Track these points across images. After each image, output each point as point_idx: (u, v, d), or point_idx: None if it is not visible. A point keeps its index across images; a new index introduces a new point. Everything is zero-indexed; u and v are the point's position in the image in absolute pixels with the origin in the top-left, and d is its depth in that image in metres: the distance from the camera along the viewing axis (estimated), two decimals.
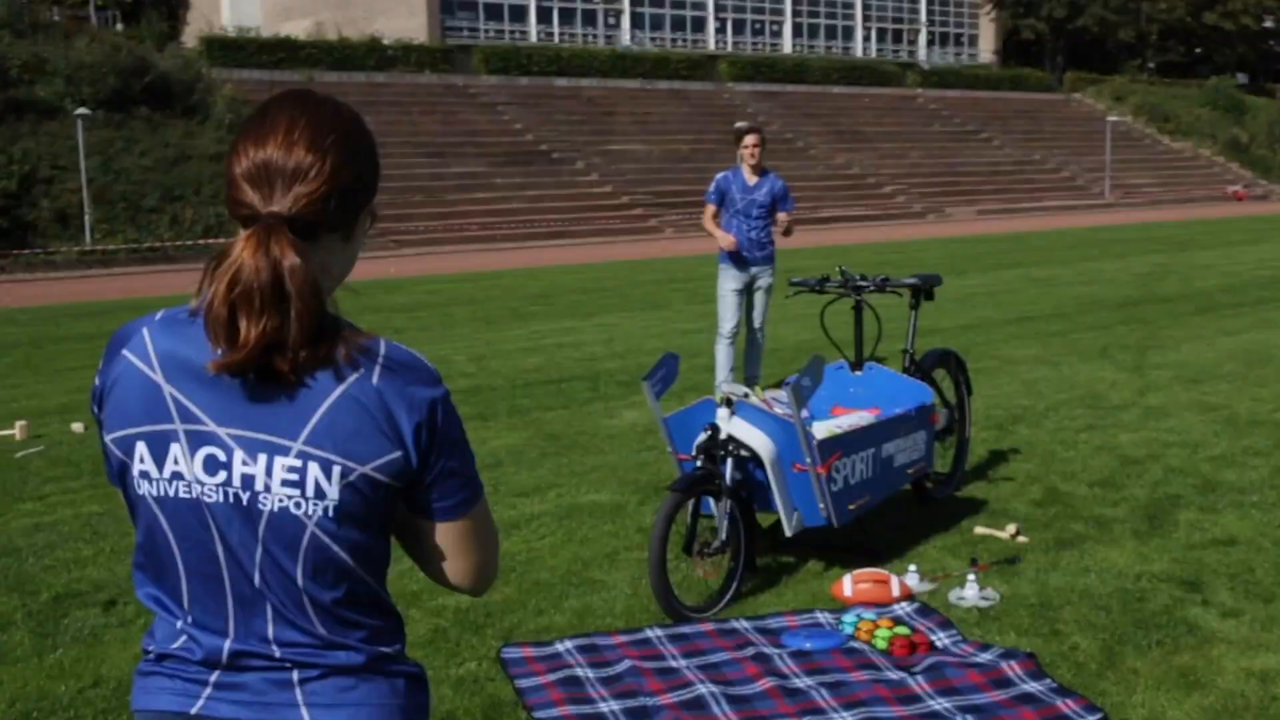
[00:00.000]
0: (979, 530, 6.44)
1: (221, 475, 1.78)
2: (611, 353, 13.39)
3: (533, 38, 53.90)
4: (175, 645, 1.84)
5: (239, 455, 1.78)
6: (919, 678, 4.55)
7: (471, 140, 43.13)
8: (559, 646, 4.97)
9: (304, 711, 1.80)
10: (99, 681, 4.77)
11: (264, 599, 1.80)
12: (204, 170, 34.84)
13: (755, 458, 5.55)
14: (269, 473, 1.77)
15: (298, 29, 48.32)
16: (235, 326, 1.70)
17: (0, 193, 30.99)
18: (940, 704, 4.35)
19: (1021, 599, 5.45)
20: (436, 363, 12.81)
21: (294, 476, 1.77)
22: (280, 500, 1.78)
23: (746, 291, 9.96)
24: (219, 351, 1.72)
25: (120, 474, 1.84)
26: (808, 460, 5.46)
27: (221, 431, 1.78)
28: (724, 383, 6.10)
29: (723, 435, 5.52)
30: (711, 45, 59.11)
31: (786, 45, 61.83)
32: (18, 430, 9.47)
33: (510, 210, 39.09)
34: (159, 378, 1.80)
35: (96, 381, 1.87)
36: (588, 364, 12.57)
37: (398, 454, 1.79)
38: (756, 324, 10.11)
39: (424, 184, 39.33)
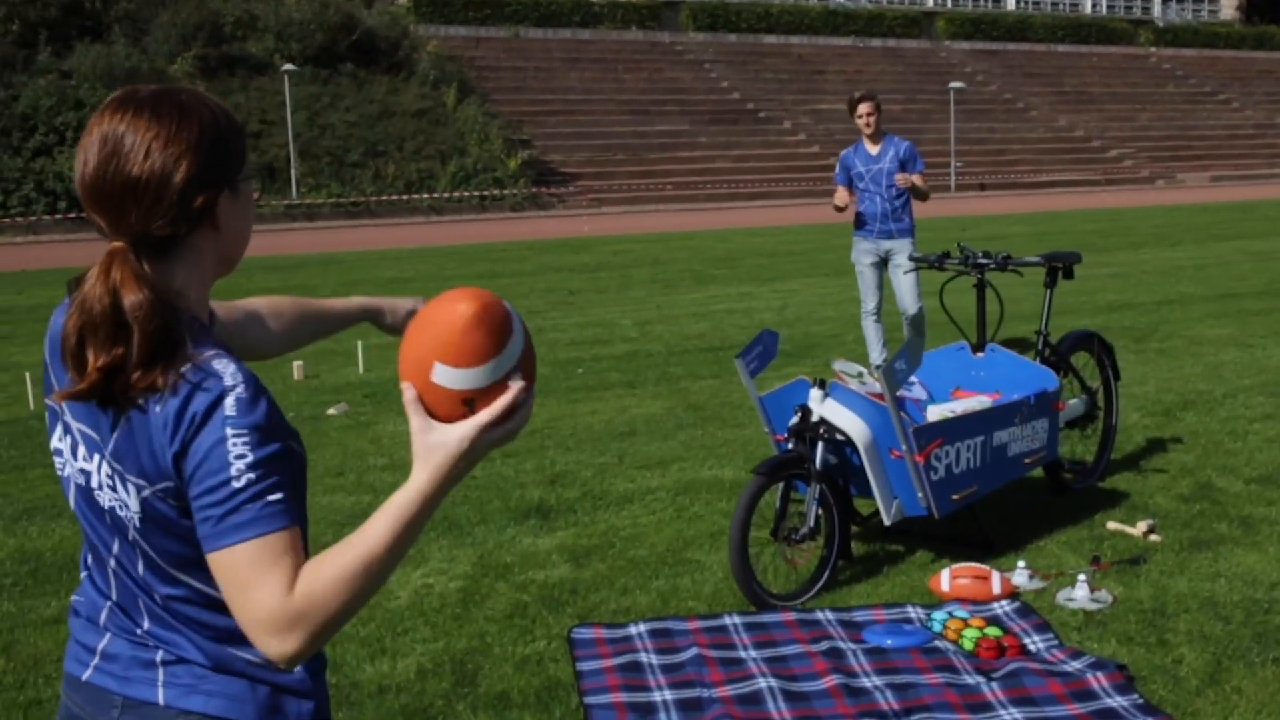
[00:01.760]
0: (1111, 526, 6.04)
1: (78, 464, 1.84)
2: (781, 320, 13.15)
3: None
4: (80, 600, 1.94)
5: (81, 449, 1.83)
6: (995, 684, 4.27)
7: (675, 98, 43.07)
8: (632, 629, 4.86)
9: (160, 691, 1.82)
10: None
11: (128, 579, 1.85)
12: (407, 126, 35.71)
13: (851, 442, 5.30)
14: (99, 470, 1.80)
15: None
16: (84, 355, 1.72)
17: None
18: (1010, 714, 4.07)
19: (1135, 603, 5.08)
20: (600, 327, 12.85)
21: (110, 481, 1.79)
22: (108, 500, 1.81)
23: (883, 266, 9.44)
24: (67, 377, 1.77)
25: None
26: (904, 447, 5.19)
27: (73, 424, 1.84)
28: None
29: (814, 418, 5.29)
30: (930, 1, 57.51)
31: (1010, 1, 59.69)
32: None
33: (713, 170, 38.93)
34: (50, 358, 1.89)
35: None
36: (753, 332, 12.37)
37: (173, 482, 1.73)
38: (910, 310, 9.23)
39: (626, 142, 39.48)
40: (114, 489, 1.78)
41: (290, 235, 28.78)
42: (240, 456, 1.69)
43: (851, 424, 5.25)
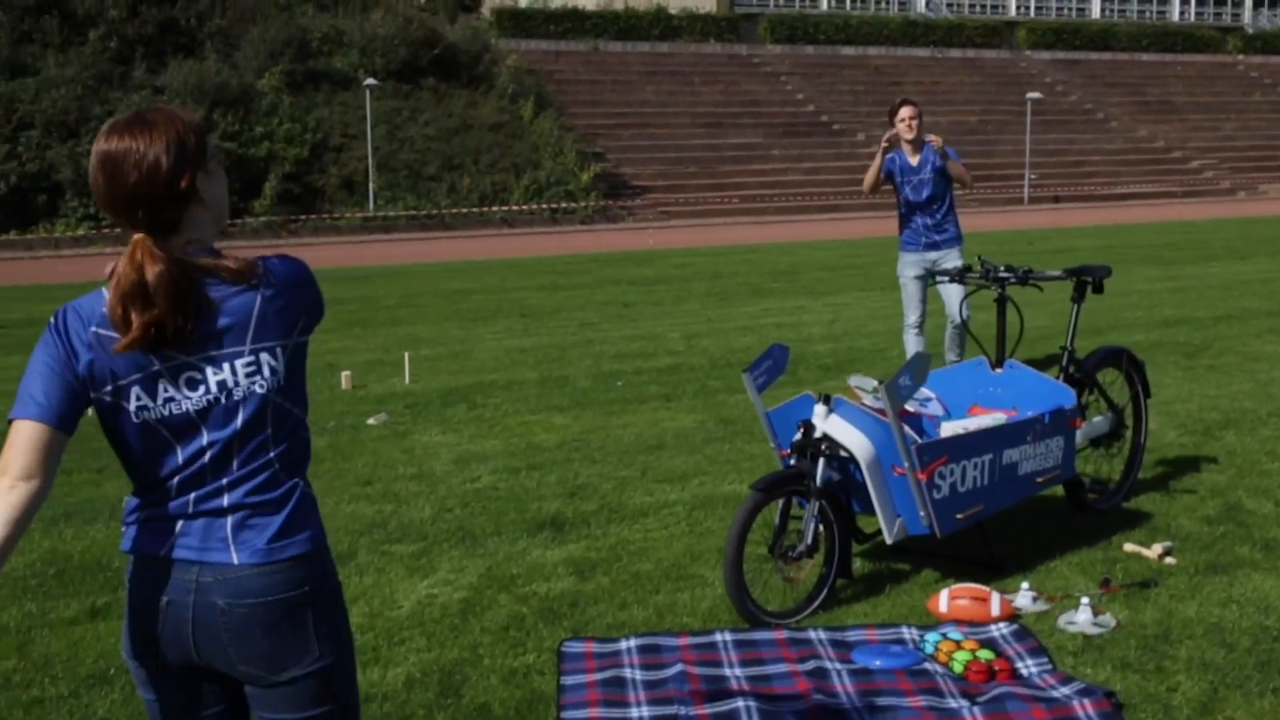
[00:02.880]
0: (1128, 547, 5.93)
1: (197, 392, 2.46)
2: (828, 334, 13.08)
3: (824, 5, 53.12)
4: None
5: (197, 376, 2.46)
6: (976, 709, 4.21)
7: (750, 111, 43.02)
8: (622, 644, 4.86)
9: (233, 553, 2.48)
10: None
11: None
12: (484, 140, 36.02)
13: (855, 458, 5.26)
14: (235, 373, 2.46)
15: (590, 0, 49.20)
16: (128, 319, 2.34)
17: (293, 160, 32.98)
18: None
19: (1138, 629, 4.98)
20: (649, 340, 12.88)
21: (252, 367, 2.46)
22: (244, 389, 2.49)
23: (928, 279, 9.26)
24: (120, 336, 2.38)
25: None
26: (906, 464, 5.14)
27: (180, 361, 2.45)
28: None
29: (817, 434, 5.26)
30: (1012, 11, 56.82)
31: (1094, 10, 58.77)
32: None
33: (785, 183, 38.82)
34: (98, 345, 2.46)
35: None
36: (799, 346, 12.30)
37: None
38: (958, 318, 8.75)
39: (699, 155, 39.51)
40: (258, 372, 2.43)
41: (366, 247, 29.14)
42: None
43: (855, 440, 5.21)
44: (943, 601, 5.13)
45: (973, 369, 6.25)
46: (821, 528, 5.26)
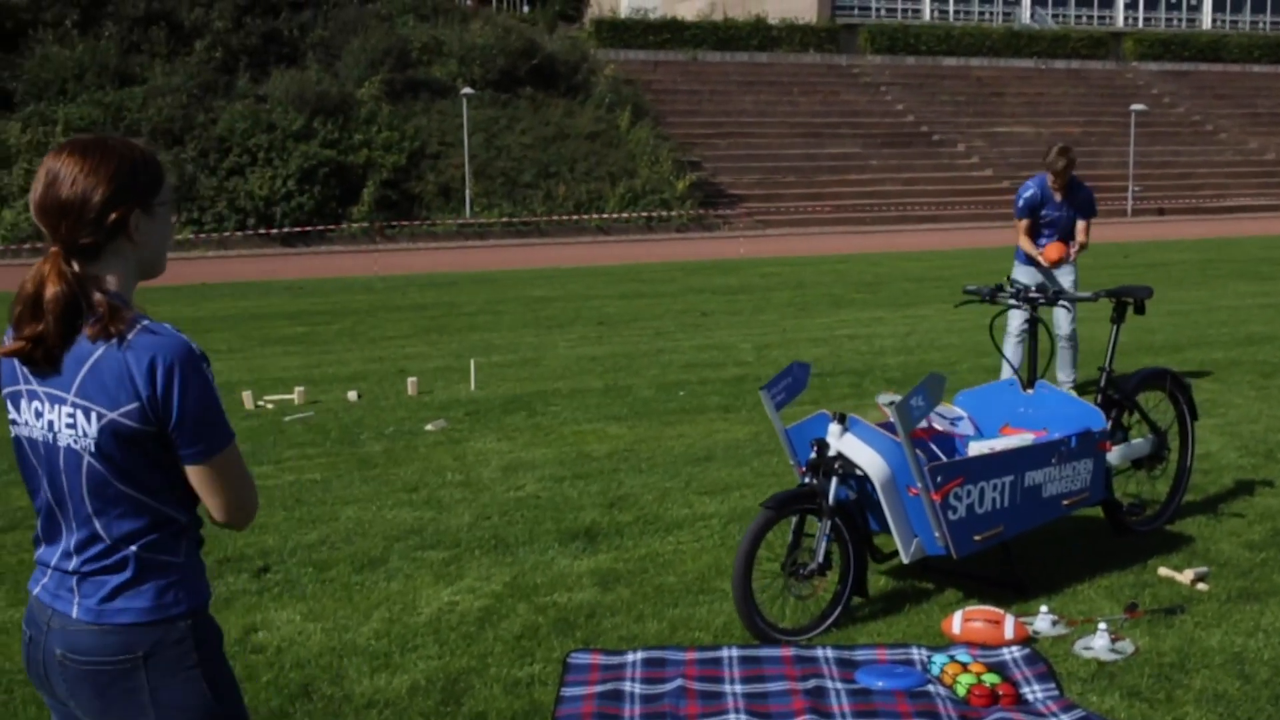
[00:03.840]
0: (1163, 571, 5.81)
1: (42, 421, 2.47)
2: (901, 347, 12.97)
3: (926, 16, 52.59)
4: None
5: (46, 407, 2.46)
6: None
7: (849, 121, 42.75)
8: (629, 657, 4.89)
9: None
10: None
11: None
12: (580, 148, 36.25)
13: (869, 478, 5.24)
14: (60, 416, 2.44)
15: (690, 11, 49.30)
16: (20, 328, 2.38)
17: (391, 167, 33.55)
18: None
19: (1156, 656, 4.88)
20: (719, 350, 12.90)
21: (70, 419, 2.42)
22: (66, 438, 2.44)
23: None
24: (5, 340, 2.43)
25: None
26: (920, 485, 5.10)
27: (40, 389, 2.47)
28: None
29: (831, 452, 5.24)
30: (1119, 21, 55.74)
31: (1205, 20, 57.43)
32: (296, 395, 10.24)
33: (883, 193, 38.51)
34: None
35: None
36: (868, 358, 12.23)
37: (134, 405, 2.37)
38: (1064, 331, 9.68)
39: (796, 164, 39.35)
40: (74, 426, 2.38)
41: (461, 253, 29.50)
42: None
43: (869, 460, 5.18)
44: (956, 623, 5.08)
45: (1004, 389, 6.18)
46: (835, 546, 5.24)
